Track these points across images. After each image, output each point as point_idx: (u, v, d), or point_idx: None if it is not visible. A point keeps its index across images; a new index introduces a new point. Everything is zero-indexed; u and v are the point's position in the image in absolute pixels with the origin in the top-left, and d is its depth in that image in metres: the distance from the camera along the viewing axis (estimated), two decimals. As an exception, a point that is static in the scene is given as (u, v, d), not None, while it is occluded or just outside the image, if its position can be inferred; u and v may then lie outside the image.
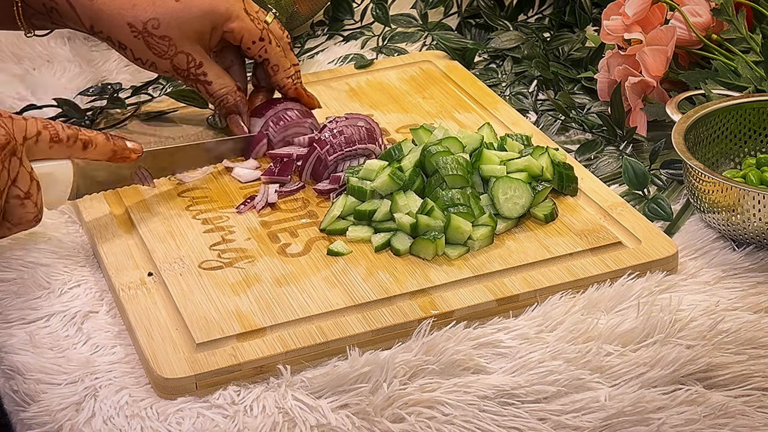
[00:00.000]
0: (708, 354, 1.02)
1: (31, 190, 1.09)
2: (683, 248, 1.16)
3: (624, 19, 1.32)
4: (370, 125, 1.26)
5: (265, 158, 1.29)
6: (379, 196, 1.19)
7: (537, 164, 1.20)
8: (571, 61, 1.49)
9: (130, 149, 1.18)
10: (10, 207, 1.09)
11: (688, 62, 1.36)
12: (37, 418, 1.00)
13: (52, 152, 1.13)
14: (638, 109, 1.31)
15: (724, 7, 1.31)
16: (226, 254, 1.15)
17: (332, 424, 0.97)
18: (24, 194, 1.09)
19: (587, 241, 1.15)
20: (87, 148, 1.15)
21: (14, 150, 1.07)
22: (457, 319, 1.07)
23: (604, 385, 1.00)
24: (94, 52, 1.58)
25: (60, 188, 1.15)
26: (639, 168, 1.23)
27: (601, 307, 1.08)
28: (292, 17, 1.55)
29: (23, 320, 1.10)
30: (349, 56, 1.54)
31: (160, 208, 1.22)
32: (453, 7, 1.63)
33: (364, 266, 1.13)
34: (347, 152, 1.24)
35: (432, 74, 1.47)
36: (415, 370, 1.01)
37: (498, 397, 0.99)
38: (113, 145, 1.17)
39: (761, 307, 1.08)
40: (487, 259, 1.13)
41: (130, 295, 1.10)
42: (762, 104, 1.23)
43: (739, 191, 1.11)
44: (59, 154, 1.13)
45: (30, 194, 1.09)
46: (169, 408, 1.00)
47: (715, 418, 0.97)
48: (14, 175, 1.08)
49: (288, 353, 1.03)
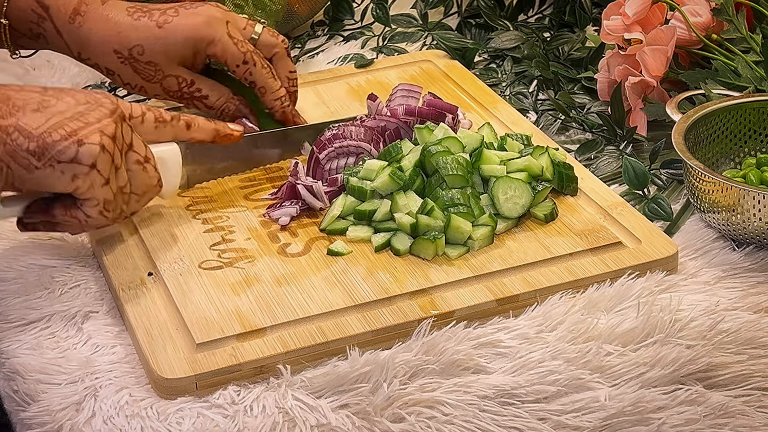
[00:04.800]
0: (708, 354, 1.02)
1: (149, 155, 1.13)
2: (683, 248, 1.16)
3: (624, 19, 1.32)
4: None
5: None
6: (379, 196, 1.18)
7: (537, 164, 1.20)
8: (571, 61, 1.49)
9: (231, 129, 1.22)
10: (133, 175, 1.12)
11: (688, 62, 1.36)
12: (37, 418, 1.00)
13: (157, 133, 1.17)
14: (638, 109, 1.31)
15: (724, 7, 1.31)
16: (226, 254, 1.15)
17: (332, 424, 0.97)
18: (143, 158, 1.12)
19: (587, 241, 1.15)
20: (190, 128, 1.19)
21: (124, 116, 1.11)
22: (457, 319, 1.07)
23: (604, 385, 1.00)
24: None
25: (171, 173, 1.18)
26: (639, 168, 1.23)
27: (601, 307, 1.08)
28: (291, 17, 1.55)
29: (23, 320, 1.10)
30: (349, 56, 1.54)
31: (161, 208, 1.22)
32: (453, 7, 1.63)
33: (364, 266, 1.13)
34: (338, 149, 1.23)
35: (432, 74, 1.47)
36: (415, 370, 1.01)
37: (498, 397, 0.99)
38: (215, 125, 1.21)
39: (761, 307, 1.08)
40: (487, 259, 1.13)
41: (130, 295, 1.10)
42: (762, 104, 1.23)
43: (739, 191, 1.11)
44: (165, 135, 1.17)
45: (148, 158, 1.13)
46: (169, 408, 1.00)
47: (715, 418, 0.97)
48: (129, 140, 1.11)
49: (288, 353, 1.03)
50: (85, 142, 1.06)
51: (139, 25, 1.27)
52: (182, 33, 1.27)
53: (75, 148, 1.06)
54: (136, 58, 1.27)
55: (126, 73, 1.28)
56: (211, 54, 1.28)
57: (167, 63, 1.28)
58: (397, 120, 1.27)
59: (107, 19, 1.27)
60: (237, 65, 1.29)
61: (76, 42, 1.28)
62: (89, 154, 1.07)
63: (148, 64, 1.27)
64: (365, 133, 1.25)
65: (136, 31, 1.27)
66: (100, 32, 1.27)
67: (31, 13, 1.27)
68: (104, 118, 1.09)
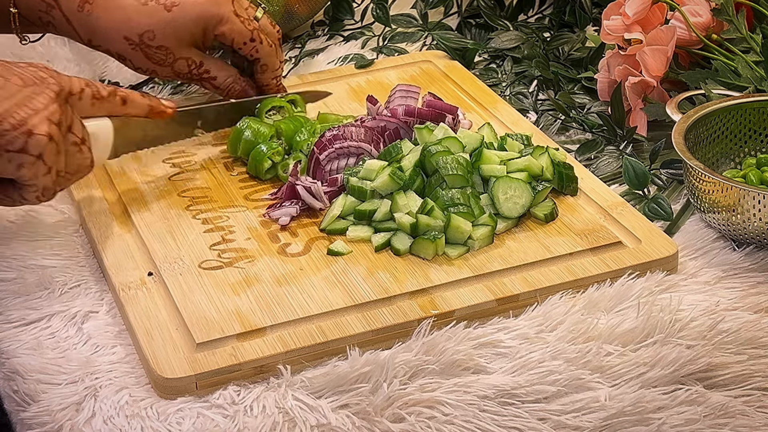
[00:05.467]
0: (708, 354, 1.02)
1: (85, 136, 1.14)
2: (683, 248, 1.16)
3: (624, 19, 1.32)
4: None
5: None
6: (379, 196, 1.18)
7: (537, 164, 1.20)
8: (571, 61, 1.49)
9: (164, 105, 1.22)
10: (69, 155, 1.12)
11: (688, 62, 1.36)
12: (37, 418, 1.00)
13: (93, 109, 1.16)
14: (638, 109, 1.31)
15: (724, 7, 1.31)
16: (226, 254, 1.15)
17: (332, 424, 0.97)
18: (80, 140, 1.13)
19: (587, 240, 1.15)
20: (125, 104, 1.19)
21: (66, 97, 1.12)
22: (457, 319, 1.07)
23: (604, 385, 1.00)
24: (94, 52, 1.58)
25: (101, 147, 1.18)
26: (639, 168, 1.23)
27: (601, 307, 1.08)
28: (291, 17, 1.55)
29: (23, 320, 1.10)
30: (349, 56, 1.54)
31: (160, 207, 1.22)
32: (453, 7, 1.63)
33: (364, 266, 1.13)
34: (338, 150, 1.23)
35: (432, 74, 1.47)
36: (415, 370, 1.01)
37: (498, 397, 0.99)
38: (149, 101, 1.21)
39: (761, 307, 1.08)
40: (487, 258, 1.13)
41: (130, 295, 1.10)
42: (762, 104, 1.23)
43: (739, 191, 1.11)
44: (100, 111, 1.17)
45: (84, 140, 1.13)
46: (169, 408, 1.00)
47: (715, 418, 0.97)
48: (69, 123, 1.12)
49: (288, 353, 1.03)
50: (34, 133, 1.07)
51: (148, 9, 1.27)
52: (192, 13, 1.28)
53: (24, 138, 1.07)
54: (147, 44, 1.28)
55: (137, 59, 1.29)
56: (219, 33, 1.30)
57: (178, 45, 1.29)
58: (397, 120, 1.27)
59: (116, 6, 1.27)
60: (244, 42, 1.30)
61: (85, 30, 1.28)
62: (37, 145, 1.07)
63: (159, 49, 1.28)
64: (365, 133, 1.25)
65: (146, 16, 1.27)
66: (109, 19, 1.27)
67: (40, 2, 1.28)
68: (51, 103, 1.09)
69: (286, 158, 1.27)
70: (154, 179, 1.27)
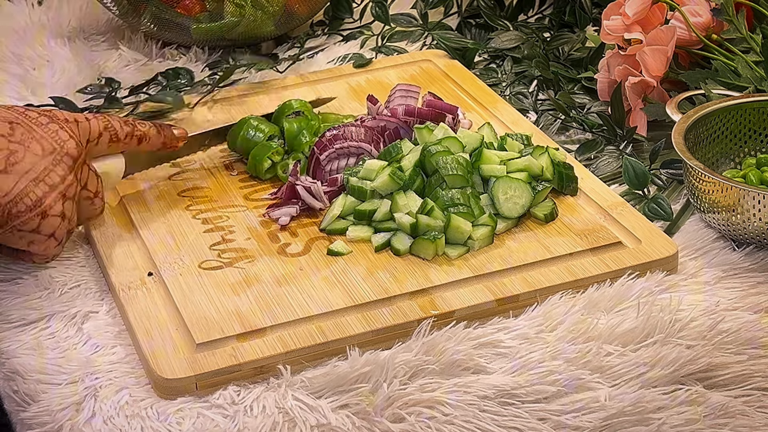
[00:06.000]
0: (708, 354, 1.02)
1: (98, 189, 1.16)
2: (683, 248, 1.16)
3: (624, 19, 1.32)
4: None
5: None
6: (379, 196, 1.18)
7: (537, 164, 1.20)
8: (571, 61, 1.49)
9: (176, 137, 1.23)
10: (80, 207, 1.14)
11: (688, 62, 1.36)
12: (37, 418, 1.00)
13: (109, 150, 1.18)
14: (638, 109, 1.31)
15: (724, 7, 1.31)
16: (226, 254, 1.15)
17: (332, 424, 0.97)
18: (93, 194, 1.15)
19: (587, 241, 1.15)
20: (141, 143, 1.20)
21: (85, 159, 1.13)
22: (457, 319, 1.07)
23: (604, 385, 1.00)
24: (94, 52, 1.58)
25: (113, 180, 1.20)
26: (639, 168, 1.23)
27: (601, 307, 1.08)
28: (290, 17, 1.55)
29: (23, 320, 1.10)
30: (349, 56, 1.54)
31: (160, 208, 1.22)
32: (453, 7, 1.63)
33: (364, 266, 1.13)
34: (339, 150, 1.23)
35: (432, 73, 1.47)
36: (415, 370, 1.01)
37: (498, 397, 0.99)
38: (163, 138, 1.22)
39: (761, 307, 1.08)
40: (487, 259, 1.13)
41: (130, 295, 1.10)
42: (762, 104, 1.23)
43: (739, 191, 1.11)
44: (115, 151, 1.19)
45: (98, 192, 1.15)
46: (169, 408, 1.00)
47: (715, 418, 0.97)
48: (84, 181, 1.13)
49: (288, 353, 1.03)
50: (49, 215, 1.09)
51: None
52: None
53: (38, 220, 1.09)
54: None
55: None
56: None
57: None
58: (397, 120, 1.27)
59: None
60: None
61: None
62: (50, 226, 1.10)
63: None
64: (365, 133, 1.25)
65: None
66: None
67: None
68: (67, 174, 1.10)
69: (286, 158, 1.27)
70: (154, 179, 1.27)
